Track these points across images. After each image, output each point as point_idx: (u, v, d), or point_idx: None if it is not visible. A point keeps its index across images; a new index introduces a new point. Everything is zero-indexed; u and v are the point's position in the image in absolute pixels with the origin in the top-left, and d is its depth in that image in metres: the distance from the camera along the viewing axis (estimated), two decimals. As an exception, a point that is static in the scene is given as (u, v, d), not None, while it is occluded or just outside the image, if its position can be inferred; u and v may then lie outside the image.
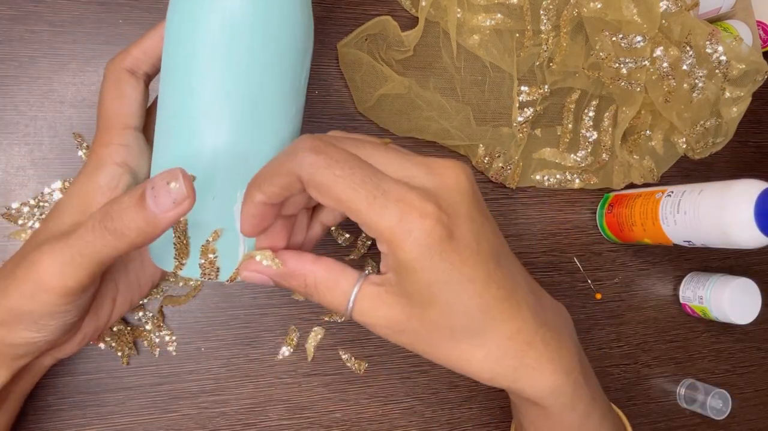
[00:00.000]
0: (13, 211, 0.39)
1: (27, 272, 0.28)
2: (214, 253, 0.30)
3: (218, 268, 0.30)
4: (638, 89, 0.48)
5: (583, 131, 0.51)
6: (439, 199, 0.26)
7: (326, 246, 0.45)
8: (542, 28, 0.49)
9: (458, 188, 0.27)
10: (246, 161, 0.29)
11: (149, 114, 0.34)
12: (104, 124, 0.32)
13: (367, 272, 0.46)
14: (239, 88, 0.29)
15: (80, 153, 0.40)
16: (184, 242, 0.30)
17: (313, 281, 0.28)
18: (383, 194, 0.25)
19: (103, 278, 0.34)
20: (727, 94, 0.51)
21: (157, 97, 0.32)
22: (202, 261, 0.30)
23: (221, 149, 0.29)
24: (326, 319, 0.45)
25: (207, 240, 0.30)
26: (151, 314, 0.41)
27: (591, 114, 0.51)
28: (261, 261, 0.29)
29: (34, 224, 0.39)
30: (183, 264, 0.30)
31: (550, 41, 0.49)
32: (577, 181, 0.51)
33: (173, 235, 0.30)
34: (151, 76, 0.34)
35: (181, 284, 0.42)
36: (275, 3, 0.29)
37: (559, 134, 0.51)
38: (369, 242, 0.46)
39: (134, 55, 0.32)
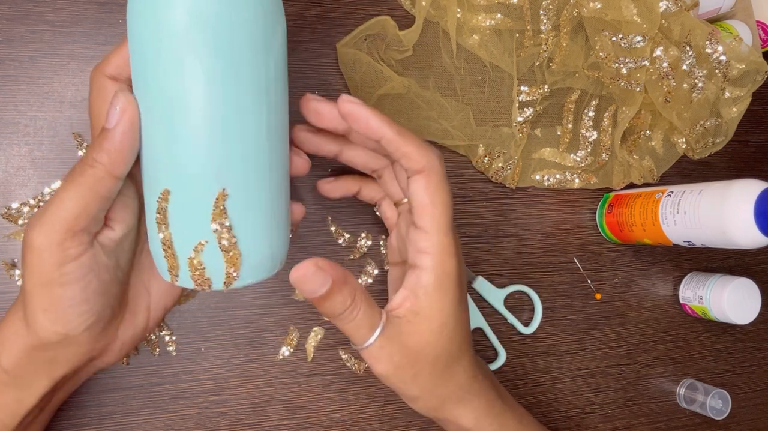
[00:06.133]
0: (13, 211, 0.39)
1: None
2: (201, 265, 0.30)
3: (208, 279, 0.30)
4: (638, 89, 0.48)
5: (583, 131, 0.51)
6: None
7: (325, 247, 0.45)
8: (542, 28, 0.49)
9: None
10: (218, 166, 0.29)
11: None
12: (95, 133, 0.32)
13: (369, 275, 0.46)
14: (202, 88, 0.27)
15: (80, 153, 0.40)
16: (172, 255, 0.30)
17: (355, 301, 0.32)
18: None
19: (134, 286, 0.35)
20: (727, 94, 0.51)
21: None
22: (191, 274, 0.30)
23: (191, 157, 0.28)
24: (326, 318, 0.45)
25: (190, 255, 0.30)
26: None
27: (591, 114, 0.51)
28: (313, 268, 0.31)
29: (34, 224, 0.40)
30: (177, 276, 0.31)
31: (550, 41, 0.49)
32: (577, 181, 0.51)
33: (162, 249, 0.30)
34: None
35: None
36: None
37: (558, 134, 0.51)
38: (369, 243, 0.46)
39: (114, 62, 0.31)
